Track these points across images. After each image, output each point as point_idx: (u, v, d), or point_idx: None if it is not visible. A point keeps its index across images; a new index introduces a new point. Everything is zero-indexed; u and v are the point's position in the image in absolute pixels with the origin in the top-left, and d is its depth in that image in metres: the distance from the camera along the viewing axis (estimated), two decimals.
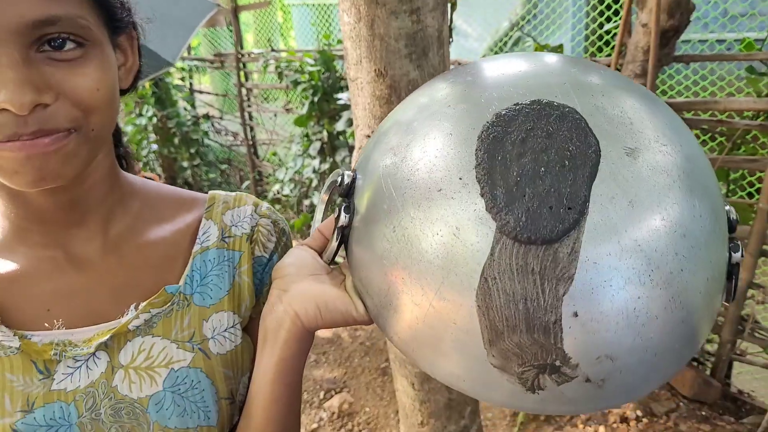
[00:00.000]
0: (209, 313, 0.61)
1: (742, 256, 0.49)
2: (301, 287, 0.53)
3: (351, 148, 3.27)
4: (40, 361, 0.54)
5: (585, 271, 0.42)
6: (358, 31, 1.11)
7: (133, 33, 0.57)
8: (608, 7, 2.93)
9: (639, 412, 2.18)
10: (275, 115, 4.30)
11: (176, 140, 4.41)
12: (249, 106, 4.46)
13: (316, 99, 3.26)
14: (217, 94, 4.93)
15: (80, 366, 0.55)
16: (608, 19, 2.95)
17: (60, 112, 0.46)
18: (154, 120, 4.37)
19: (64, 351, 0.54)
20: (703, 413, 2.19)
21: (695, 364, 2.34)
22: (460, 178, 0.44)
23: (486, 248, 0.42)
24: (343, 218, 0.52)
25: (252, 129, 4.52)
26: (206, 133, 4.69)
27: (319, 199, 0.59)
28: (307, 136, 3.47)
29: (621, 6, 2.12)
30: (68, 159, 0.48)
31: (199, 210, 0.65)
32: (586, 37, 3.69)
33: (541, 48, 2.29)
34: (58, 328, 0.55)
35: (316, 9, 7.30)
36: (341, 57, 3.27)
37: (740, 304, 2.23)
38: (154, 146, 4.53)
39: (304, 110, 3.32)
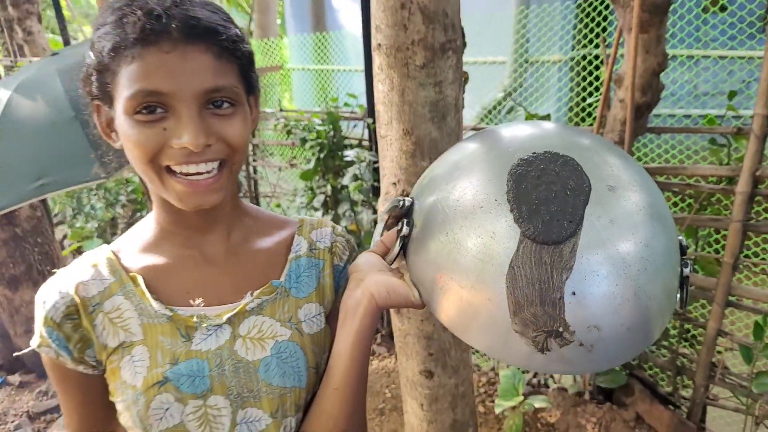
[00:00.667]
0: (302, 303, 0.81)
1: (691, 271, 0.68)
2: (374, 277, 0.71)
3: (353, 202, 3.49)
4: (183, 328, 0.74)
5: (581, 264, 0.59)
6: (391, 98, 1.36)
7: (257, 93, 0.80)
8: (590, 84, 3.29)
9: None
10: (279, 170, 4.54)
11: None
12: (254, 160, 4.70)
13: (322, 155, 3.50)
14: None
15: (211, 334, 0.75)
16: (590, 94, 3.30)
17: (218, 149, 0.68)
18: None
19: (201, 321, 0.74)
20: None
21: (672, 407, 2.52)
22: (496, 200, 0.63)
23: (513, 247, 0.61)
24: (405, 230, 0.71)
25: (256, 182, 4.74)
26: None
27: (380, 217, 0.80)
28: (311, 189, 3.68)
29: (601, 83, 2.43)
30: (217, 191, 0.69)
31: (291, 229, 0.87)
32: (570, 108, 4.05)
33: (531, 117, 2.58)
34: (198, 305, 0.76)
35: (315, 73, 7.73)
36: (347, 118, 3.54)
37: (711, 352, 2.44)
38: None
39: (311, 165, 3.55)
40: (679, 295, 0.66)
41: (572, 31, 3.90)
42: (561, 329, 0.60)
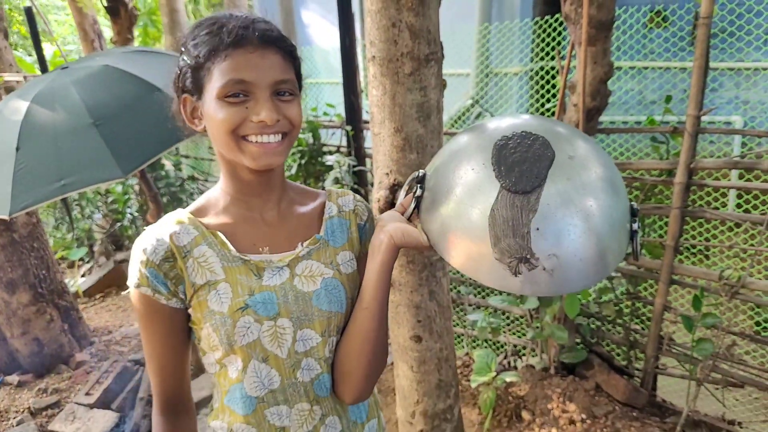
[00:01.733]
0: (339, 251, 1.05)
1: (638, 227, 0.85)
2: (393, 224, 0.95)
3: None
4: (254, 269, 0.96)
5: (543, 207, 0.78)
6: (384, 101, 1.62)
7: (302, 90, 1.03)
8: (547, 92, 3.64)
9: (584, 415, 2.63)
10: None
11: (165, 199, 4.76)
12: None
13: (303, 161, 3.73)
14: (202, 159, 5.35)
15: (275, 273, 0.97)
16: (548, 101, 3.64)
17: (282, 124, 0.91)
18: None
19: (269, 264, 0.97)
20: (634, 414, 2.66)
21: (626, 376, 2.84)
22: (483, 164, 0.85)
23: (494, 195, 0.81)
24: (419, 192, 0.95)
25: None
26: (191, 195, 5.06)
27: (403, 186, 1.03)
28: None
29: (557, 91, 2.75)
30: (280, 154, 0.93)
31: (322, 198, 1.10)
32: (529, 113, 4.41)
33: None
34: (265, 252, 0.99)
35: None
36: (326, 126, 3.78)
37: (658, 326, 2.77)
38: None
39: (293, 171, 3.77)
40: (631, 247, 0.85)
41: (531, 45, 4.27)
42: (528, 256, 0.78)
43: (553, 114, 2.84)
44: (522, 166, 0.82)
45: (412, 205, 0.96)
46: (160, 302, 0.93)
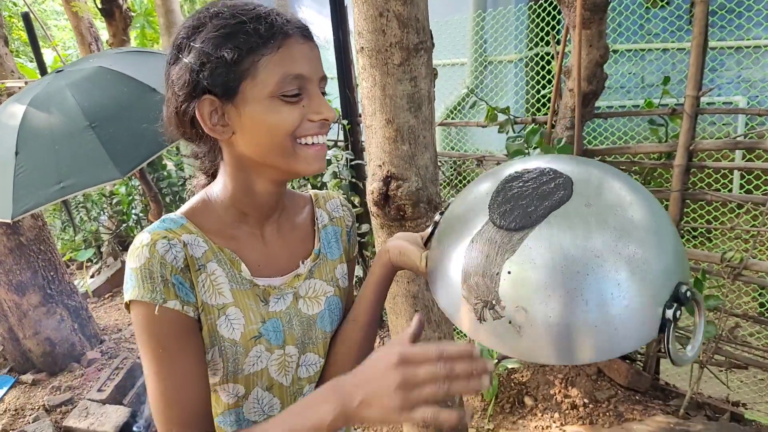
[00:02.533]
0: (336, 264, 1.00)
1: (676, 317, 0.62)
2: (395, 241, 0.89)
3: None
4: (261, 294, 0.88)
5: (523, 250, 0.66)
6: (374, 93, 1.62)
7: None
8: (543, 77, 3.62)
9: (586, 400, 2.64)
10: None
11: (167, 199, 4.79)
12: None
13: None
14: None
15: (280, 298, 0.90)
16: (543, 87, 3.63)
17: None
18: None
19: (273, 290, 0.90)
20: (637, 398, 2.67)
21: (629, 361, 2.84)
22: (487, 193, 0.75)
23: (480, 227, 0.72)
24: (438, 217, 0.85)
25: None
26: (193, 194, 5.08)
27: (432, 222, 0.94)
28: (293, 189, 3.92)
29: (553, 77, 2.74)
30: (325, 158, 0.89)
31: (309, 204, 1.01)
32: (527, 101, 4.39)
33: (492, 110, 2.88)
34: (270, 276, 0.91)
35: None
36: None
37: None
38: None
39: None
40: (663, 342, 0.64)
41: (526, 31, 4.24)
42: (494, 302, 0.67)
43: (548, 100, 2.82)
44: (519, 201, 0.71)
45: (429, 230, 0.88)
46: (189, 316, 0.80)
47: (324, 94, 0.84)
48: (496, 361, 2.69)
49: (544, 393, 2.73)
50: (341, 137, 3.69)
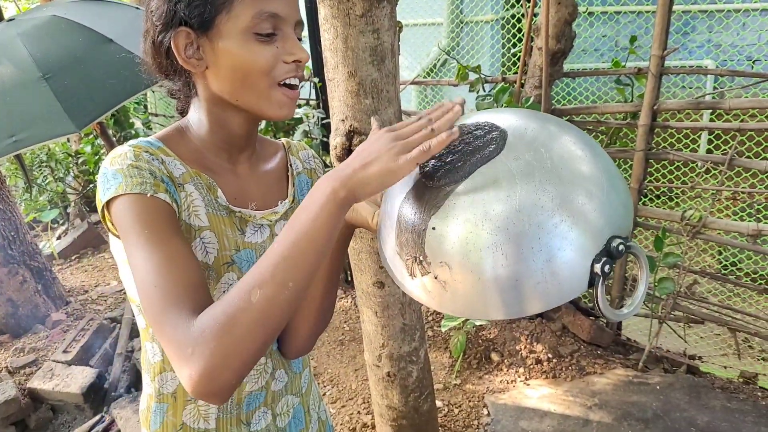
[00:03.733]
0: None
1: (608, 272, 0.61)
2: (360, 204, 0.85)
3: None
4: (237, 223, 0.88)
5: (448, 206, 0.66)
6: (336, 45, 1.58)
7: None
8: (514, 36, 3.58)
9: (550, 355, 2.72)
10: None
11: None
12: None
13: None
14: (172, 116, 5.25)
15: (257, 230, 0.91)
16: (515, 46, 3.59)
17: (302, 69, 0.82)
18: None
19: (252, 220, 0.90)
20: (599, 353, 2.76)
21: (592, 318, 2.92)
22: None
23: (412, 183, 0.71)
24: None
25: None
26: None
27: None
28: None
29: (524, 35, 2.72)
30: (295, 105, 0.85)
31: (281, 151, 1.02)
32: (503, 63, 4.36)
33: (463, 69, 2.85)
34: (251, 208, 0.91)
35: None
36: None
37: (622, 267, 2.83)
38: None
39: (262, 125, 3.72)
40: (594, 295, 0.62)
41: None
42: (421, 258, 0.67)
43: (518, 59, 2.81)
44: (450, 157, 0.71)
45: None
46: (176, 212, 0.78)
47: (300, 39, 0.82)
48: (464, 319, 2.74)
49: (510, 349, 2.80)
50: (313, 96, 3.63)
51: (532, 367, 2.69)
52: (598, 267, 0.60)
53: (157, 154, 0.80)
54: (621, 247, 0.61)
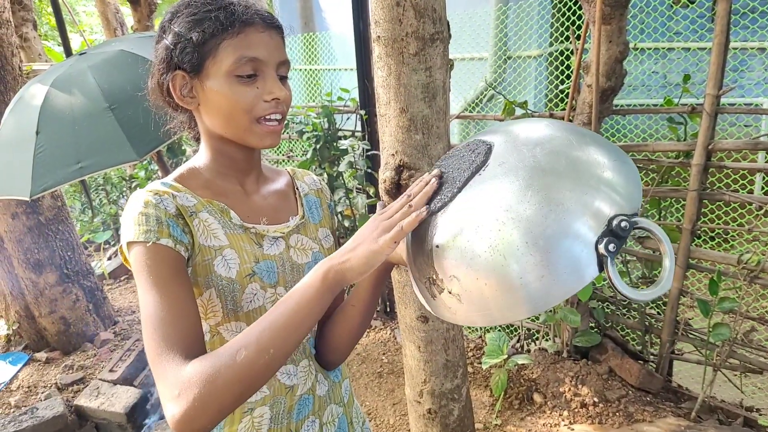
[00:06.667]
0: (318, 227, 1.11)
1: (613, 250, 0.60)
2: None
3: (348, 189, 3.75)
4: (255, 238, 0.98)
5: (444, 223, 0.71)
6: (389, 82, 1.62)
7: None
8: (561, 72, 3.57)
9: (596, 399, 2.62)
10: (277, 163, 4.79)
11: None
12: None
13: (318, 146, 3.75)
14: None
15: (273, 243, 1.00)
16: (561, 82, 3.58)
17: (282, 105, 0.93)
18: None
19: (267, 234, 1.00)
20: (648, 399, 2.64)
21: (641, 361, 2.81)
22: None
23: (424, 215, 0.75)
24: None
25: None
26: None
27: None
28: None
29: (572, 71, 2.72)
30: (280, 135, 0.95)
31: (286, 176, 1.13)
32: (547, 97, 4.34)
33: (510, 104, 2.86)
34: (263, 224, 1.01)
35: (303, 73, 7.95)
36: (341, 111, 3.79)
37: (674, 310, 2.73)
38: None
39: (308, 156, 3.79)
40: (607, 275, 0.61)
41: (548, 27, 4.19)
42: (433, 277, 0.70)
43: (567, 96, 2.80)
44: (445, 184, 0.76)
45: None
46: (180, 254, 0.85)
47: (285, 78, 0.94)
48: (506, 356, 2.68)
49: (553, 390, 2.72)
50: (359, 127, 3.70)
51: (576, 410, 2.60)
52: (602, 247, 0.60)
53: (168, 192, 0.90)
54: (624, 223, 0.60)
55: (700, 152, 2.43)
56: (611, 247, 0.60)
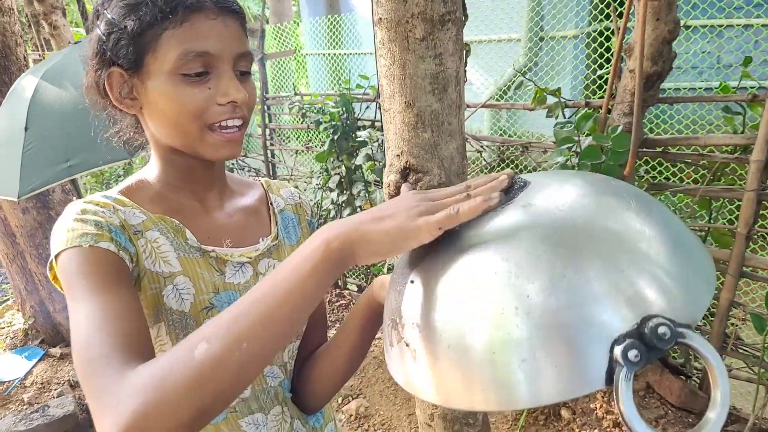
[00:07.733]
0: (293, 249, 0.93)
1: (629, 359, 0.41)
2: (384, 277, 0.87)
3: (366, 182, 3.55)
4: (215, 264, 0.83)
5: (434, 257, 0.56)
6: (393, 72, 1.41)
7: None
8: (601, 56, 3.26)
9: None
10: (296, 153, 4.62)
11: None
12: (272, 144, 4.79)
13: (336, 137, 3.56)
14: None
15: (237, 270, 0.85)
16: (600, 66, 3.27)
17: (244, 108, 0.77)
18: None
19: (230, 259, 0.85)
20: (690, 420, 2.39)
21: (683, 377, 2.55)
22: None
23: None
24: None
25: (274, 166, 4.84)
26: (231, 170, 5.02)
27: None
28: (326, 170, 3.75)
29: (613, 54, 2.43)
30: (239, 144, 0.78)
31: (258, 190, 0.98)
32: (586, 83, 4.03)
33: (540, 91, 2.60)
34: (226, 246, 0.86)
35: (328, 58, 7.76)
36: (359, 99, 3.58)
37: (723, 323, 2.45)
38: None
39: (325, 147, 3.61)
40: (615, 388, 0.41)
41: (587, 4, 3.86)
42: (397, 319, 0.56)
43: (605, 82, 2.52)
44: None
45: None
46: (125, 262, 0.71)
47: (246, 73, 0.78)
48: None
49: (583, 407, 2.49)
50: (378, 117, 3.49)
51: (608, 430, 2.37)
52: (619, 351, 0.40)
53: (108, 205, 0.76)
54: (663, 329, 0.40)
55: (761, 147, 2.13)
56: (632, 355, 0.40)
